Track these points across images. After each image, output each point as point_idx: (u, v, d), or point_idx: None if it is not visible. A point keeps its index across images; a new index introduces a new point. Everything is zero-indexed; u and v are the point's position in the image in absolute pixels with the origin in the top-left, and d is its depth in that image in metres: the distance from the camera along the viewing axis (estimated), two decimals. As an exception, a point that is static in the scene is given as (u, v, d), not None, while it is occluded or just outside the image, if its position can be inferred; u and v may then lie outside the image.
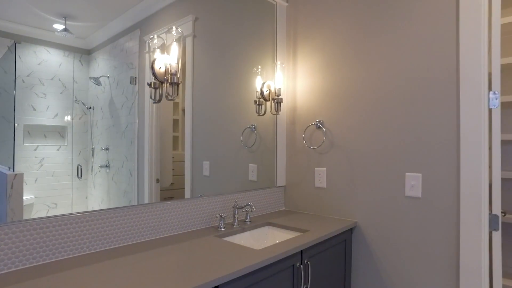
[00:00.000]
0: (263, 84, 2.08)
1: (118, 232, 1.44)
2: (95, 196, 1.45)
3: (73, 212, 1.34)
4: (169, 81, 1.54)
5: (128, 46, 1.62)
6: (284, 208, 2.26)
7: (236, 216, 1.77)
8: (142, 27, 1.69)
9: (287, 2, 2.26)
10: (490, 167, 1.54)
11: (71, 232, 1.29)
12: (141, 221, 1.53)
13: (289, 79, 2.26)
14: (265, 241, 1.83)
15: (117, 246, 1.42)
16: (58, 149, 1.36)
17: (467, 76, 1.55)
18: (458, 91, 1.58)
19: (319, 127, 2.10)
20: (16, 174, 1.29)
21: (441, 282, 1.61)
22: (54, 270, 1.13)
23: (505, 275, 2.75)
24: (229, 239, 1.63)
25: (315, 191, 2.11)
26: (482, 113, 1.51)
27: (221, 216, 1.70)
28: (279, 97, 2.07)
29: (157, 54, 1.61)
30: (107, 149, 1.54)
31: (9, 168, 1.26)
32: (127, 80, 1.63)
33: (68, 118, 1.40)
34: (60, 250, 1.25)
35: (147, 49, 1.68)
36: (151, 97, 1.60)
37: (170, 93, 1.55)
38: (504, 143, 2.57)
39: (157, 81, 1.57)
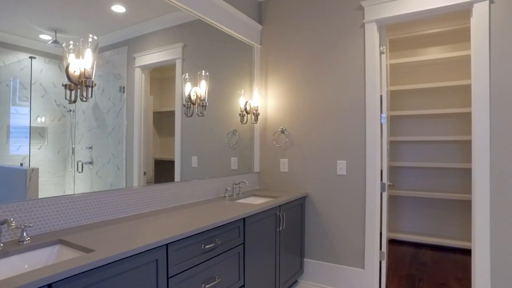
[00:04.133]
0: (246, 102, 3.07)
1: (134, 203, 2.04)
2: (76, 191, 1.64)
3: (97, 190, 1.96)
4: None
5: (115, 59, 1.83)
6: (258, 187, 3.28)
7: (234, 189, 2.75)
8: (131, 44, 1.95)
9: (260, 44, 3.27)
10: (381, 156, 2.73)
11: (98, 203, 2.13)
12: (147, 195, 2.06)
13: (263, 99, 3.28)
14: (256, 202, 2.82)
15: (129, 214, 2.04)
16: (39, 148, 1.48)
17: (369, 103, 2.72)
18: (365, 112, 2.74)
19: (283, 132, 3.16)
20: (33, 169, 1.47)
21: (357, 224, 2.76)
22: (104, 224, 2.00)
23: (390, 229, 4.14)
24: (235, 202, 2.60)
25: (281, 174, 3.16)
26: (377, 126, 2.69)
27: (226, 189, 2.67)
28: (257, 112, 3.09)
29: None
30: (90, 147, 1.71)
31: (21, 164, 1.43)
32: (115, 89, 1.83)
33: (48, 120, 1.52)
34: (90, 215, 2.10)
35: (136, 64, 1.97)
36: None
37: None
38: (391, 142, 3.91)
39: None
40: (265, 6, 3.25)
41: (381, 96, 2.74)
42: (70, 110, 1.60)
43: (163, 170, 2.21)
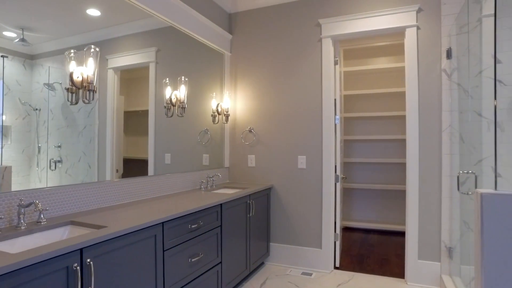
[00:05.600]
0: (218, 104, 3.41)
1: (117, 194, 2.58)
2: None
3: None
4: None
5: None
6: (228, 181, 3.63)
7: (208, 182, 3.08)
8: (104, 46, 2.00)
9: (230, 52, 3.62)
10: (335, 152, 3.20)
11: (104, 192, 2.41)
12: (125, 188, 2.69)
13: (233, 102, 3.63)
14: (228, 193, 3.16)
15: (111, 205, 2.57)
16: (2, 147, 1.46)
17: (325, 106, 3.17)
18: (322, 113, 3.19)
19: (251, 131, 3.53)
20: (6, 167, 1.46)
21: (315, 210, 3.21)
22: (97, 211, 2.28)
23: (344, 218, 4.67)
24: (211, 192, 2.92)
25: (248, 169, 3.54)
26: (332, 126, 3.16)
27: (202, 181, 2.99)
28: (227, 113, 3.44)
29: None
30: (59, 146, 1.72)
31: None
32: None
33: (11, 118, 1.49)
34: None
35: (109, 66, 2.03)
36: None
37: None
38: (345, 141, 4.45)
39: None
40: (235, 17, 3.60)
41: (335, 100, 3.21)
42: (36, 109, 1.58)
43: (132, 169, 2.29)
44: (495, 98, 1.60)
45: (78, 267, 1.29)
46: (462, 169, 2.54)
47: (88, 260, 1.34)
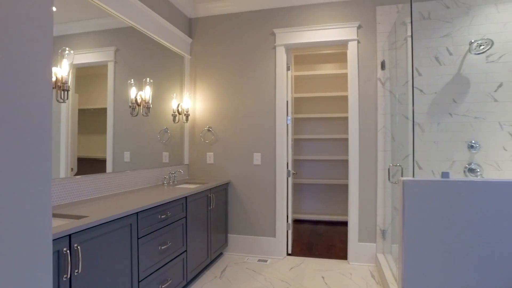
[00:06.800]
0: (178, 104, 3.58)
1: (81, 190, 2.70)
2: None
3: None
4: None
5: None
6: (188, 177, 3.81)
7: (171, 178, 3.25)
8: (57, 42, 1.98)
9: (190, 55, 3.81)
10: (287, 150, 3.55)
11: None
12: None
13: (192, 102, 3.82)
14: (191, 187, 3.34)
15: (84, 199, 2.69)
16: None
17: (278, 107, 3.50)
18: (275, 114, 3.51)
19: (209, 130, 3.75)
20: None
21: (269, 203, 3.52)
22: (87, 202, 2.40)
23: (295, 211, 5.07)
24: (174, 187, 3.09)
25: (207, 165, 3.75)
26: (284, 125, 3.49)
27: (164, 177, 3.15)
28: (187, 113, 3.62)
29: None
30: None
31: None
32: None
33: None
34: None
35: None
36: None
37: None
38: (295, 140, 4.85)
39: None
40: (195, 22, 3.80)
41: (287, 102, 3.55)
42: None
43: (88, 167, 2.27)
44: (413, 104, 2.02)
45: (68, 251, 1.44)
46: (393, 163, 3.01)
47: (76, 245, 1.49)
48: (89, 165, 2.30)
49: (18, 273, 0.80)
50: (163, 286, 2.24)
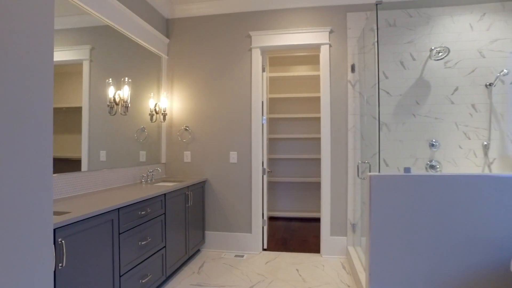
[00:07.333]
0: (155, 104, 3.61)
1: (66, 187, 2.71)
2: None
3: None
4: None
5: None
6: (165, 176, 3.85)
7: (149, 176, 3.29)
8: None
9: (167, 55, 3.85)
10: (262, 149, 3.67)
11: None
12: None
13: (170, 102, 3.86)
14: (169, 185, 3.39)
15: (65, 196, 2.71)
16: None
17: (253, 107, 3.62)
18: (251, 114, 3.63)
19: (187, 129, 3.81)
20: None
21: (245, 200, 3.63)
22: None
23: (269, 209, 5.21)
24: (153, 185, 3.13)
25: (184, 164, 3.81)
26: (259, 125, 3.61)
27: (143, 175, 3.18)
28: (164, 112, 3.66)
29: None
30: None
31: None
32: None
33: None
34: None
35: None
36: None
37: None
38: (270, 139, 4.99)
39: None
40: (172, 23, 3.84)
41: (262, 102, 3.67)
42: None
43: (61, 167, 2.23)
44: (379, 106, 2.20)
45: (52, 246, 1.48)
46: (362, 160, 3.20)
47: (60, 240, 1.53)
48: (63, 165, 2.27)
49: (20, 265, 0.86)
50: (143, 281, 2.29)
